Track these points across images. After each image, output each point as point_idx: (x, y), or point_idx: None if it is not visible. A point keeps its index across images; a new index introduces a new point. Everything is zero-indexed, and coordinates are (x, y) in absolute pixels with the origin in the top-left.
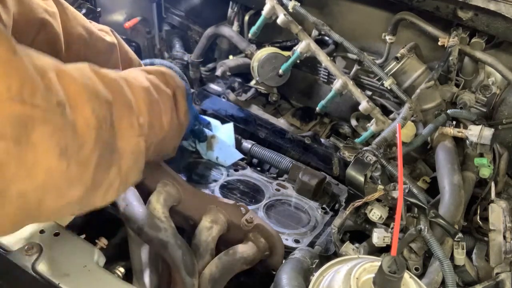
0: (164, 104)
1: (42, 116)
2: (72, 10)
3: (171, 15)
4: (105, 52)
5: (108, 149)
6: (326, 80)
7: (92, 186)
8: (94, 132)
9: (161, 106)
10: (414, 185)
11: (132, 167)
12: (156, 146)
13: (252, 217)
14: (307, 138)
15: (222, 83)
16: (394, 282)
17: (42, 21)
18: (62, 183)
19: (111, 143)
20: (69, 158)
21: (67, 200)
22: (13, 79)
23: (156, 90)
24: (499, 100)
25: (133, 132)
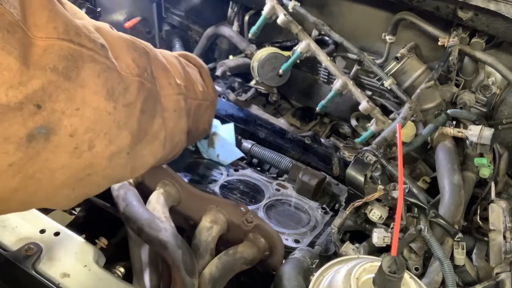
0: (194, 75)
1: (90, 55)
2: (71, 6)
3: (171, 15)
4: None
5: (151, 98)
6: (326, 80)
7: (138, 133)
8: (137, 79)
9: (192, 76)
10: (414, 185)
11: (176, 124)
12: (194, 112)
13: (252, 217)
14: (307, 138)
15: (222, 83)
16: (394, 282)
17: None
18: (110, 125)
19: (154, 92)
20: (115, 100)
21: (116, 146)
22: (58, 22)
23: (185, 63)
24: (499, 100)
25: (172, 90)
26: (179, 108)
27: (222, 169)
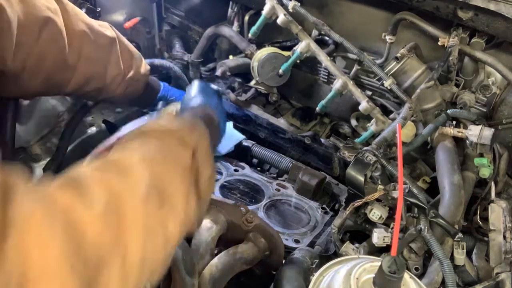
0: (174, 205)
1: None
2: (72, 6)
3: (171, 15)
4: (105, 46)
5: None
6: (326, 80)
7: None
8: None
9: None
10: (414, 185)
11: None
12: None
13: (252, 217)
14: (307, 138)
15: (222, 83)
16: (394, 282)
17: (45, 19)
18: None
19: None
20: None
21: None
22: None
23: (161, 183)
24: (499, 100)
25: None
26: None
27: (222, 169)
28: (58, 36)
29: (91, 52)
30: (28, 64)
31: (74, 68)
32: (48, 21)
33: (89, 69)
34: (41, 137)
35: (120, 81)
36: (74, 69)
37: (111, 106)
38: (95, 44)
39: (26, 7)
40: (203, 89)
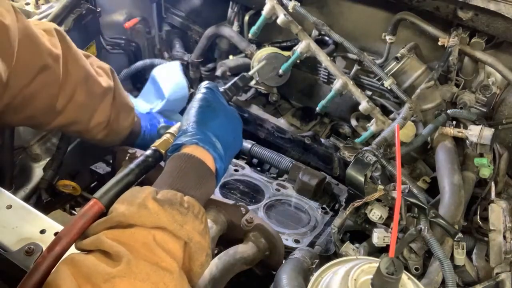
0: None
1: None
2: (75, 50)
3: (171, 15)
4: (98, 95)
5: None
6: (326, 80)
7: None
8: None
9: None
10: (414, 185)
11: None
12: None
13: (252, 217)
14: (307, 138)
15: (222, 83)
16: (392, 283)
17: (45, 66)
18: None
19: None
20: None
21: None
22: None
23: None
24: (499, 100)
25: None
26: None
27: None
28: (53, 83)
29: (82, 100)
30: (14, 103)
31: (60, 112)
32: (46, 68)
33: (75, 114)
34: (41, 137)
35: (102, 129)
36: (60, 113)
37: None
38: (88, 92)
39: (31, 49)
40: (202, 110)
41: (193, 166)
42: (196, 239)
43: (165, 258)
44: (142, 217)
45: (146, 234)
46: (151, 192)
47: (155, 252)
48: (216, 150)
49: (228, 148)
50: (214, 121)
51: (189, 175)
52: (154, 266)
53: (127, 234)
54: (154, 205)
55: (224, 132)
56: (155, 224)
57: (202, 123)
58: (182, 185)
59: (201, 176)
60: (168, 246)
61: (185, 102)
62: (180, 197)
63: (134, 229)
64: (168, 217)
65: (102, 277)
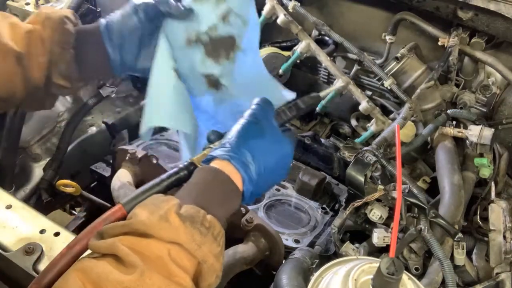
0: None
1: None
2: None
3: None
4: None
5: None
6: (326, 80)
7: None
8: None
9: None
10: (414, 185)
11: None
12: None
13: (252, 217)
14: (307, 138)
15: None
16: (392, 283)
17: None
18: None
19: None
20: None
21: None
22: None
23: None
24: (499, 100)
25: None
26: None
27: None
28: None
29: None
30: None
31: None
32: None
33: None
34: (41, 137)
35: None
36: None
37: (111, 106)
38: None
39: None
40: (247, 126)
41: (220, 181)
42: (210, 261)
43: (178, 273)
44: (162, 230)
45: (161, 247)
46: (174, 205)
47: (168, 267)
48: (248, 171)
49: (265, 173)
50: (256, 141)
51: (214, 190)
52: (167, 280)
53: (143, 244)
54: (176, 219)
55: (264, 155)
56: (173, 239)
57: (242, 140)
58: (206, 201)
59: (227, 193)
60: (182, 263)
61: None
62: (202, 216)
63: (150, 240)
64: (187, 235)
65: (113, 286)
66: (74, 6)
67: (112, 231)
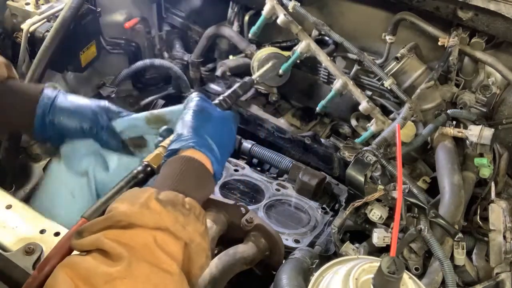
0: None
1: None
2: None
3: (171, 15)
4: None
5: None
6: (326, 80)
7: None
8: None
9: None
10: (414, 185)
11: None
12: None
13: (252, 217)
14: (307, 138)
15: (222, 83)
16: (393, 282)
17: None
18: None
19: None
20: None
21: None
22: None
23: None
24: (499, 100)
25: None
26: None
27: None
28: None
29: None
30: None
31: None
32: None
33: None
34: None
35: None
36: None
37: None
38: None
39: None
40: (196, 115)
41: (193, 168)
42: (197, 240)
43: (165, 260)
44: (145, 217)
45: (147, 235)
46: (153, 192)
47: (155, 254)
48: (213, 152)
49: (223, 150)
50: (209, 124)
51: (189, 177)
52: (155, 268)
53: (127, 235)
54: (157, 205)
55: (219, 135)
56: (157, 224)
57: (197, 127)
58: (183, 187)
59: (201, 178)
60: (168, 248)
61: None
62: (182, 199)
63: (135, 229)
64: (170, 218)
65: (102, 278)
66: (74, 6)
67: (92, 228)
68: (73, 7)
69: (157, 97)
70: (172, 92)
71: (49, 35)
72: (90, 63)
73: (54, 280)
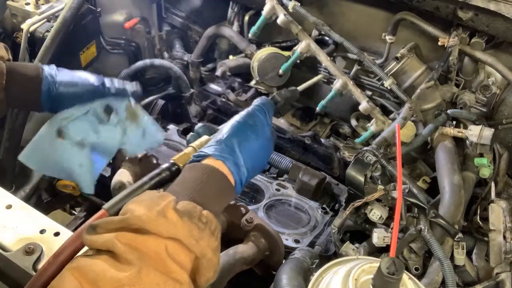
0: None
1: None
2: None
3: (171, 15)
4: None
5: None
6: (326, 80)
7: None
8: None
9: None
10: (414, 185)
11: None
12: None
13: (252, 217)
14: (307, 138)
15: (222, 83)
16: (392, 283)
17: None
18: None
19: None
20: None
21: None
22: None
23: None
24: (499, 100)
25: None
26: None
27: None
28: None
29: None
30: None
31: None
32: None
33: None
34: None
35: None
36: None
37: None
38: None
39: None
40: (244, 127)
41: (215, 180)
42: (209, 256)
43: (175, 269)
44: (160, 225)
45: (159, 243)
46: (171, 201)
47: (166, 263)
48: (239, 174)
49: (251, 173)
50: (250, 144)
51: (210, 188)
52: (164, 277)
53: (140, 240)
54: (174, 215)
55: (255, 158)
56: (171, 234)
57: (237, 141)
58: (202, 198)
59: (222, 191)
60: (179, 258)
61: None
62: (199, 211)
63: (148, 236)
64: (185, 230)
65: (110, 284)
66: (75, 6)
67: (107, 225)
68: (73, 7)
69: (157, 97)
70: (172, 92)
71: (50, 35)
72: (90, 63)
73: (62, 281)
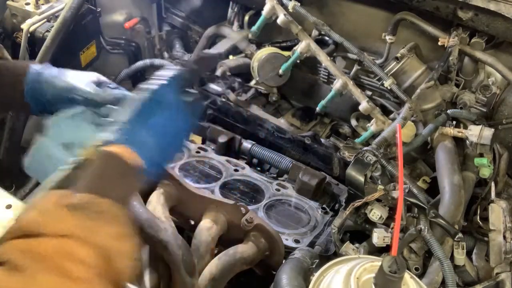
0: None
1: None
2: None
3: (171, 15)
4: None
5: None
6: (326, 80)
7: None
8: None
9: None
10: (414, 185)
11: None
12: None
13: (252, 217)
14: (307, 138)
15: (222, 83)
16: (394, 282)
17: None
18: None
19: None
20: None
21: None
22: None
23: None
24: (499, 100)
25: None
26: None
27: (222, 169)
28: None
29: None
30: None
31: None
32: None
33: None
34: None
35: None
36: None
37: None
38: None
39: None
40: (148, 104)
41: (114, 165)
42: (110, 244)
43: (75, 268)
44: (49, 225)
45: (53, 244)
46: (62, 196)
47: (63, 263)
48: (146, 152)
49: (166, 149)
50: (154, 119)
51: (109, 175)
52: (63, 278)
53: (34, 244)
54: (63, 211)
55: (164, 133)
56: (64, 232)
57: (139, 118)
58: (100, 186)
59: (123, 175)
60: (79, 255)
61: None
62: (94, 201)
63: (42, 238)
64: (77, 224)
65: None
66: (75, 6)
67: (6, 236)
68: (73, 7)
69: None
70: None
71: (50, 35)
72: (90, 63)
73: None
